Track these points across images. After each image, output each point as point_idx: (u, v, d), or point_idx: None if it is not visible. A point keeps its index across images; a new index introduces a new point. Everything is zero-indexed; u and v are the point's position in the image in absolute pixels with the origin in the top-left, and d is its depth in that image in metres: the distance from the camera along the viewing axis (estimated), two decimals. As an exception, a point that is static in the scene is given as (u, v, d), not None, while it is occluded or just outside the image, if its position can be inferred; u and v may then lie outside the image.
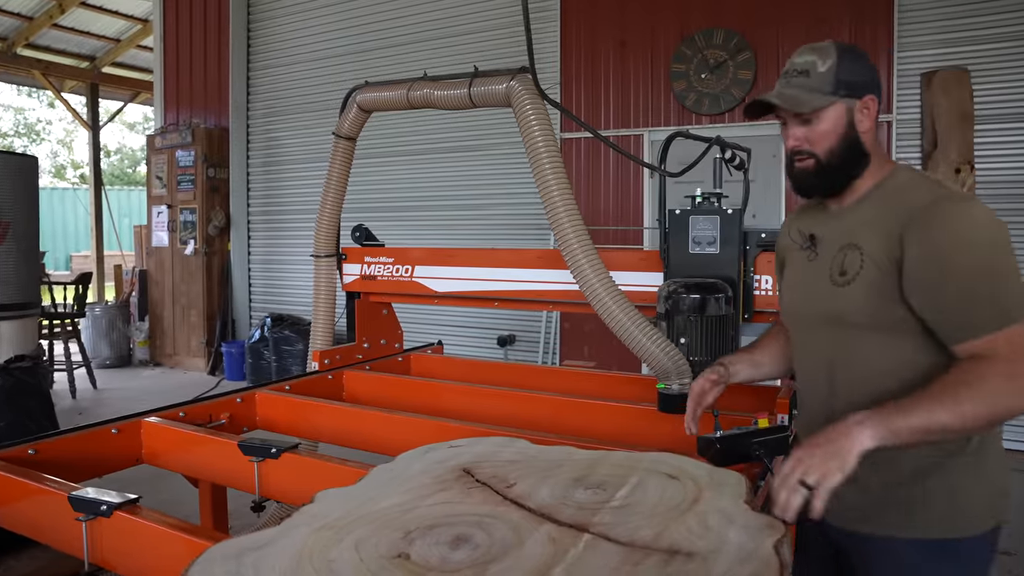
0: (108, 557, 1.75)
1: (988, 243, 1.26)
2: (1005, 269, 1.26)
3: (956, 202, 1.30)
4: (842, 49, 1.42)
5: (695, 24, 5.69)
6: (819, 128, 1.40)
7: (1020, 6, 4.86)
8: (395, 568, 1.18)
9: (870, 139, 1.42)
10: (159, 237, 7.99)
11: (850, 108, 1.40)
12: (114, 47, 11.14)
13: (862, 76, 1.40)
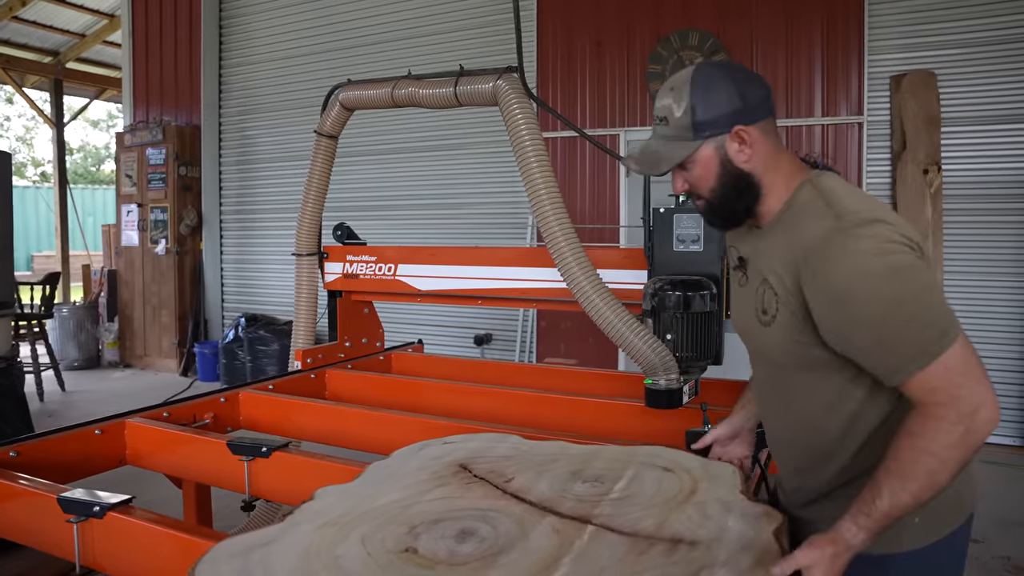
0: (100, 559, 1.73)
1: (886, 273, 1.16)
2: (913, 297, 1.16)
3: (845, 233, 1.19)
4: (697, 83, 1.32)
5: (670, 25, 5.75)
6: (695, 172, 1.36)
7: (985, 13, 5.00)
8: (404, 562, 1.19)
9: (758, 164, 1.33)
10: (129, 236, 7.85)
11: (720, 144, 1.32)
12: (79, 42, 10.90)
13: (722, 109, 1.30)
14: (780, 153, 1.36)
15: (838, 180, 1.33)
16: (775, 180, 1.34)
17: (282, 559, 1.22)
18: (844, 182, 1.33)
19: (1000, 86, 5.00)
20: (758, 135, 1.32)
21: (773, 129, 1.36)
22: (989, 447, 4.98)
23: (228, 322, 7.83)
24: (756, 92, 1.33)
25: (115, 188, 8.11)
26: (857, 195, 1.28)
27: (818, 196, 1.28)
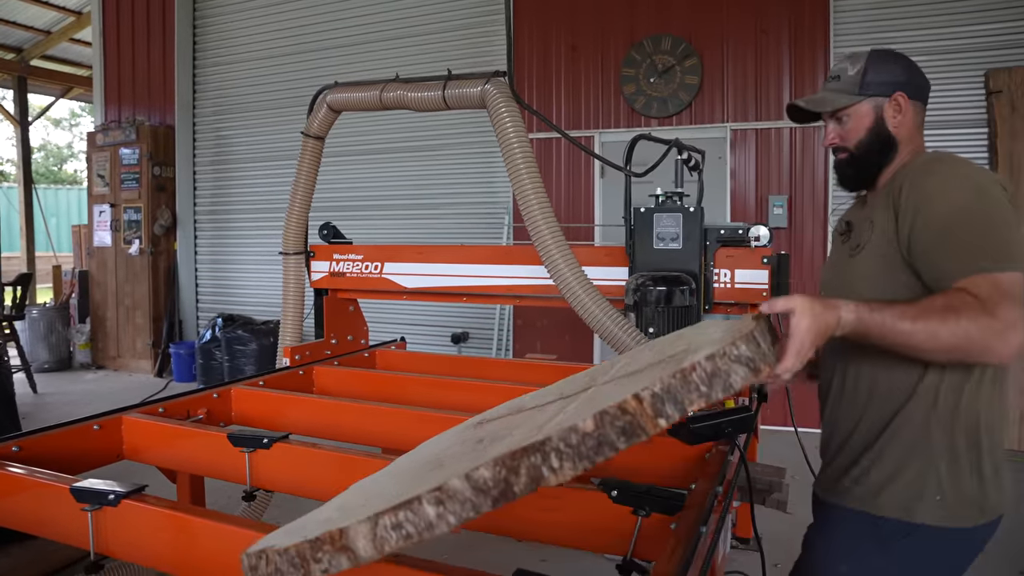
0: (114, 546, 1.78)
1: (973, 190, 1.31)
2: (992, 218, 1.29)
3: (945, 159, 1.40)
4: (874, 54, 1.55)
5: (644, 30, 5.90)
6: (849, 125, 1.54)
7: (942, 24, 5.22)
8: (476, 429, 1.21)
9: (904, 131, 1.52)
10: (101, 237, 7.78)
11: (878, 105, 1.52)
12: (44, 39, 10.74)
13: (891, 76, 1.51)
14: (919, 135, 1.55)
15: (959, 158, 1.46)
16: (905, 147, 1.53)
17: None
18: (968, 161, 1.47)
19: (957, 92, 5.23)
20: (911, 110, 1.52)
21: (922, 119, 1.56)
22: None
23: (203, 323, 7.80)
24: (922, 79, 1.55)
25: (87, 188, 8.03)
26: (973, 166, 1.42)
27: (934, 153, 1.47)
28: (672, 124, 5.86)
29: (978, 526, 1.39)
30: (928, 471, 1.40)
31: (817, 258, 5.60)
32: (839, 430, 1.56)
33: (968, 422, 1.40)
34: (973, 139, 5.20)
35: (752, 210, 5.69)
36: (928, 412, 1.40)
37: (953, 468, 1.39)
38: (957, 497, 1.38)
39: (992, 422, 1.41)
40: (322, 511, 1.38)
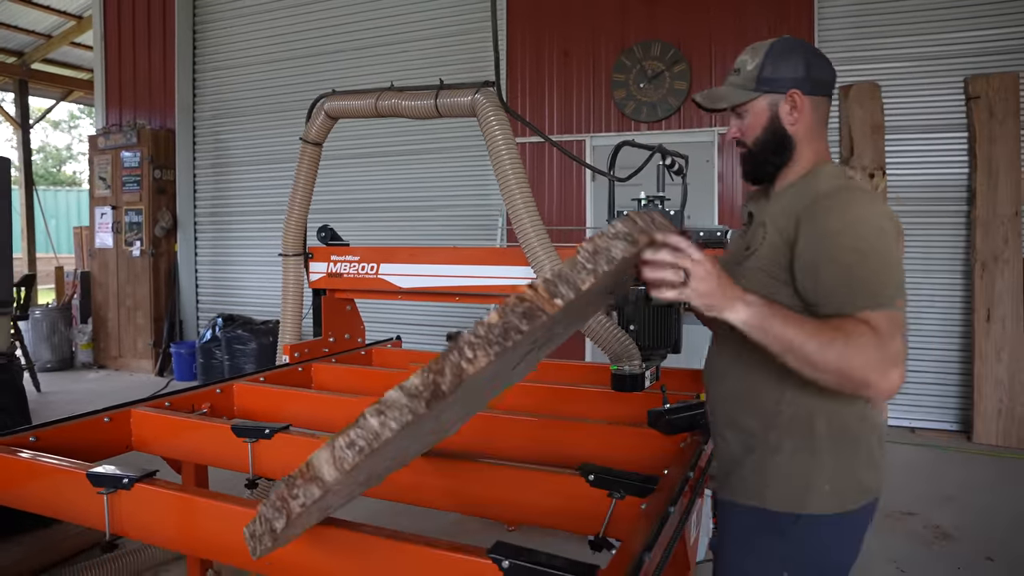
0: (128, 527, 1.91)
1: (875, 230, 1.32)
2: (887, 258, 1.31)
3: (855, 192, 1.38)
4: (775, 47, 1.48)
5: (634, 37, 6.04)
6: (747, 121, 1.50)
7: (925, 31, 5.37)
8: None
9: (801, 130, 1.47)
10: (103, 238, 7.91)
11: (774, 102, 1.46)
12: (45, 43, 10.86)
13: (789, 72, 1.45)
14: (820, 134, 1.51)
15: (857, 184, 1.48)
16: (805, 152, 1.49)
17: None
18: (863, 188, 1.49)
19: (938, 97, 5.38)
20: (809, 106, 1.47)
21: (824, 112, 1.51)
22: (929, 432, 5.37)
23: (203, 323, 7.93)
24: (823, 72, 1.49)
25: (88, 191, 8.15)
26: (862, 188, 1.45)
27: (840, 172, 1.48)
28: (661, 128, 6.00)
29: (861, 507, 1.46)
30: (812, 463, 1.43)
31: (803, 259, 5.74)
32: (725, 427, 1.59)
33: (845, 414, 1.44)
34: (953, 143, 5.35)
35: (739, 213, 5.83)
36: (806, 407, 1.43)
37: (836, 459, 1.43)
38: (841, 485, 1.43)
39: (867, 412, 1.47)
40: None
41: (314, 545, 1.57)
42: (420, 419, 1.13)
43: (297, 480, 1.21)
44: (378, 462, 1.35)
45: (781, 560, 1.45)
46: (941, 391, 5.46)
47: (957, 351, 5.41)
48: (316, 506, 1.29)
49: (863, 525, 1.49)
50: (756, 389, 1.49)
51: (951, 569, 3.25)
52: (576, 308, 1.22)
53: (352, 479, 1.28)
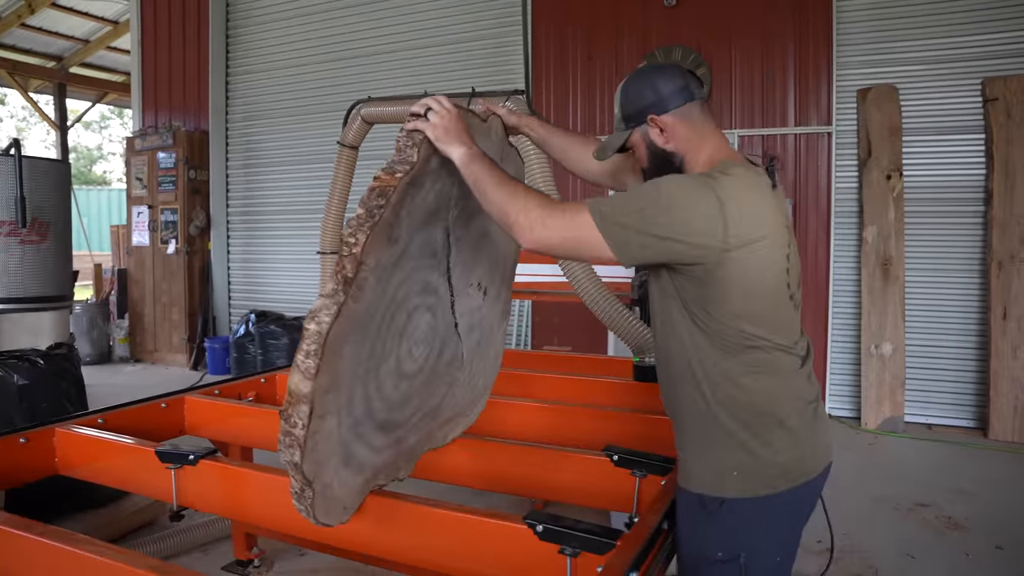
0: (193, 499, 2.10)
1: (669, 189, 1.42)
2: (650, 214, 1.40)
3: (699, 177, 1.48)
4: (624, 87, 1.63)
5: (656, 41, 6.18)
6: (637, 153, 1.65)
7: (942, 34, 5.46)
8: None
9: (679, 143, 1.57)
10: (139, 237, 8.19)
11: (644, 132, 1.59)
12: (83, 48, 11.22)
13: (641, 103, 1.58)
14: (704, 136, 1.58)
15: (745, 173, 1.50)
16: (697, 158, 1.57)
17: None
18: (752, 179, 1.50)
19: (955, 99, 5.47)
20: (673, 121, 1.56)
21: (697, 115, 1.58)
22: (945, 429, 5.47)
23: (235, 318, 8.18)
24: (669, 85, 1.58)
25: (126, 190, 8.43)
26: (736, 183, 1.46)
27: (722, 166, 1.50)
28: (682, 130, 6.12)
29: (783, 492, 1.52)
30: (722, 451, 1.53)
31: (820, 259, 5.86)
32: (667, 403, 1.71)
33: (750, 405, 1.51)
34: (970, 144, 5.43)
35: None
36: (709, 399, 1.53)
37: (743, 447, 1.52)
38: (753, 471, 1.51)
39: (777, 403, 1.53)
40: None
41: (360, 514, 1.75)
42: (347, 310, 1.38)
43: (287, 409, 1.42)
44: (373, 398, 1.58)
45: (713, 541, 1.56)
46: (958, 388, 5.55)
47: (974, 349, 5.50)
48: (330, 440, 1.47)
49: (791, 509, 1.57)
50: (675, 382, 1.61)
51: (959, 555, 3.37)
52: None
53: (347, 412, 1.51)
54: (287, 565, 3.27)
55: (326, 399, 1.42)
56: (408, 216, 1.48)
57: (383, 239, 1.41)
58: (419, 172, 1.46)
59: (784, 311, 1.54)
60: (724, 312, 1.47)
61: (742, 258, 1.43)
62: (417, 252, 1.56)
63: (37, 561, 1.64)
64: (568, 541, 1.50)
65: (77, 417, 2.52)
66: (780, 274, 1.51)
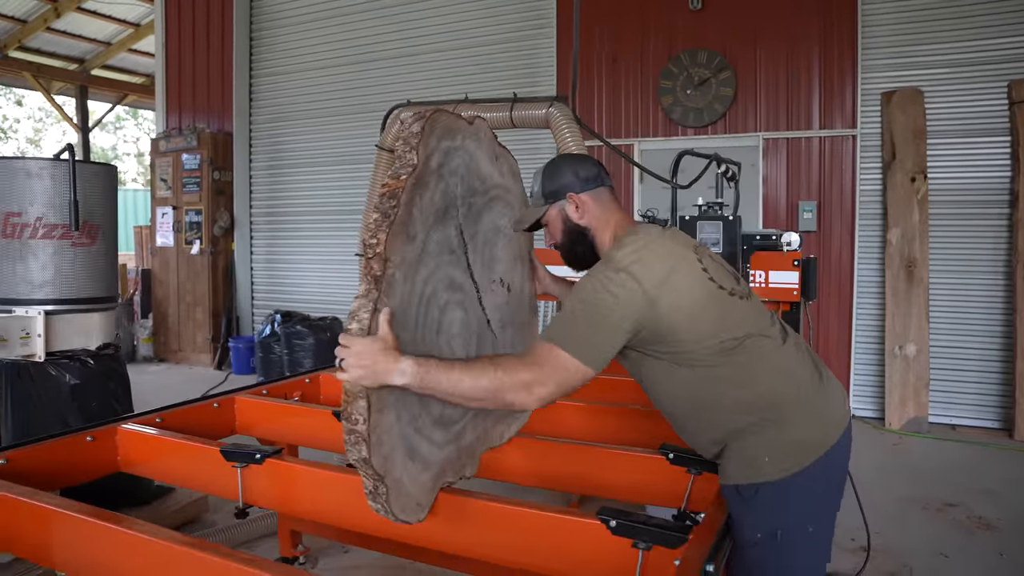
0: (257, 496, 2.16)
1: (590, 294, 1.60)
2: (582, 314, 1.59)
3: (603, 266, 1.65)
4: (547, 169, 1.86)
5: (681, 44, 6.22)
6: (551, 227, 1.86)
7: (966, 37, 5.49)
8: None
9: (591, 220, 1.79)
10: (164, 237, 8.28)
11: (561, 208, 1.81)
12: (105, 50, 11.34)
13: (560, 182, 1.81)
14: (610, 214, 1.81)
15: (637, 236, 1.69)
16: (604, 235, 1.79)
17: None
18: (639, 238, 1.68)
19: (979, 102, 5.49)
20: (588, 199, 1.80)
21: (606, 197, 1.82)
22: (970, 430, 5.49)
23: (258, 319, 8.27)
24: (587, 170, 1.83)
25: (150, 191, 8.53)
26: (626, 249, 1.65)
27: (614, 249, 1.69)
28: (707, 134, 6.18)
29: (808, 465, 1.65)
30: (749, 443, 1.67)
31: (844, 259, 5.89)
32: (691, 441, 1.85)
33: (759, 397, 1.66)
34: (997, 147, 5.46)
35: (783, 214, 6.00)
36: (724, 412, 1.68)
37: (767, 433, 1.65)
38: (782, 452, 1.65)
39: (780, 383, 1.67)
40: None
41: (432, 512, 1.81)
42: (383, 305, 1.46)
43: (346, 408, 1.48)
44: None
45: (751, 525, 1.68)
46: (982, 389, 5.58)
47: (998, 350, 5.52)
48: (392, 433, 1.53)
49: (820, 479, 1.69)
50: (688, 422, 1.78)
51: (993, 555, 3.41)
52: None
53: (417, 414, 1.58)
54: (331, 562, 3.33)
55: (380, 393, 1.49)
56: (420, 214, 1.57)
57: (402, 236, 1.50)
58: (422, 172, 1.55)
59: (731, 308, 1.68)
60: (684, 338, 1.62)
61: (666, 293, 1.60)
62: (436, 249, 1.65)
63: (134, 553, 1.70)
64: (641, 535, 1.56)
65: (136, 416, 2.58)
66: (705, 284, 1.66)
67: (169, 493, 3.81)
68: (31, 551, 1.93)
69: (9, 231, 3.20)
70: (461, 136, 1.72)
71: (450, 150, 1.67)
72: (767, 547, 1.66)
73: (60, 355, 3.30)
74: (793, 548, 1.67)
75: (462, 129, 1.73)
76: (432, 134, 1.58)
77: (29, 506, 1.83)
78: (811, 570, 1.73)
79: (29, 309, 3.18)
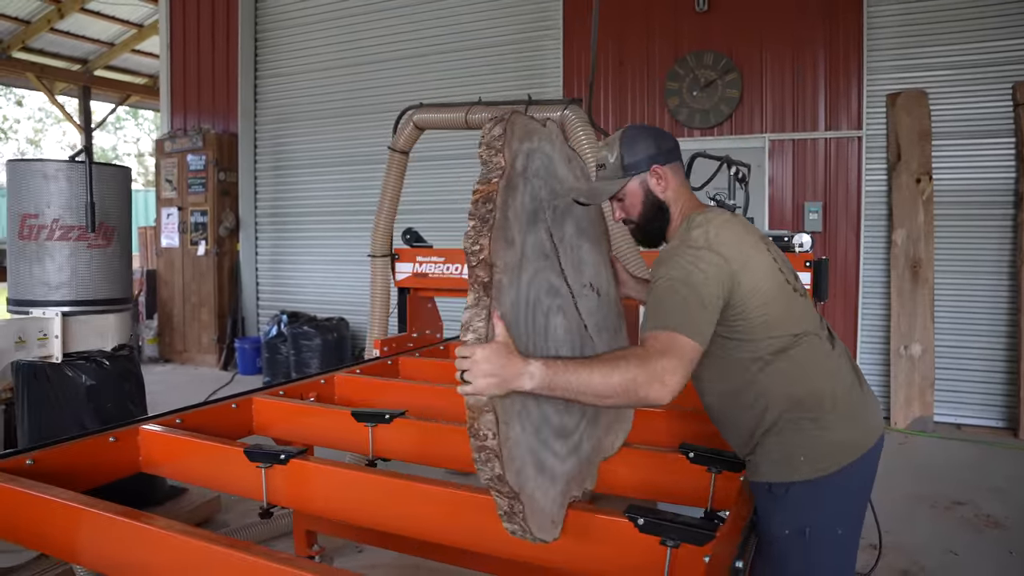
0: (281, 497, 2.17)
1: (683, 273, 1.57)
2: (684, 294, 1.54)
3: (684, 245, 1.63)
4: (624, 137, 1.77)
5: (687, 46, 6.25)
6: (628, 202, 1.79)
7: (970, 39, 5.51)
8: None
9: (671, 193, 1.76)
10: (169, 238, 8.30)
11: (643, 180, 1.75)
12: (107, 51, 11.35)
13: (644, 153, 1.74)
14: (685, 190, 1.80)
15: (709, 216, 1.70)
16: (676, 211, 1.78)
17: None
18: (713, 218, 1.69)
19: (984, 104, 5.52)
20: (670, 172, 1.76)
21: (681, 172, 1.80)
22: (975, 429, 5.52)
23: (263, 319, 8.29)
24: (668, 143, 1.79)
25: (155, 192, 8.54)
26: (704, 228, 1.65)
27: (688, 225, 1.69)
28: (713, 135, 6.21)
29: (843, 467, 1.66)
30: (787, 439, 1.67)
31: (850, 260, 5.92)
32: (725, 431, 1.86)
33: (808, 395, 1.66)
34: (1001, 148, 5.49)
35: (789, 215, 6.03)
36: (769, 406, 1.68)
37: (806, 433, 1.66)
38: (817, 453, 1.65)
39: (827, 385, 1.68)
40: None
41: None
42: (493, 309, 1.43)
43: (472, 425, 1.41)
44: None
45: (780, 522, 1.69)
46: (987, 389, 5.61)
47: (1003, 350, 5.55)
48: (520, 447, 1.49)
49: (851, 482, 1.70)
50: (729, 411, 1.78)
51: (1003, 553, 3.44)
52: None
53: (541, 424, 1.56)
54: (346, 562, 3.36)
55: (504, 404, 1.43)
56: (515, 218, 1.54)
57: (502, 241, 1.47)
58: (510, 175, 1.52)
59: (795, 303, 1.69)
60: (754, 324, 1.63)
61: (747, 273, 1.60)
62: (532, 254, 1.61)
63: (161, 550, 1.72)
64: (669, 533, 1.57)
65: (156, 417, 2.60)
66: (776, 274, 1.67)
67: (182, 494, 3.84)
68: (62, 550, 1.95)
69: (26, 233, 3.22)
70: (537, 138, 1.68)
71: (531, 152, 1.64)
72: (794, 543, 1.68)
73: (76, 356, 3.32)
74: (821, 548, 1.68)
75: (537, 131, 1.70)
76: (514, 136, 1.55)
77: (63, 506, 1.85)
78: (838, 571, 1.74)
79: (46, 311, 3.20)
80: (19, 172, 3.28)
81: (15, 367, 3.23)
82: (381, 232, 3.88)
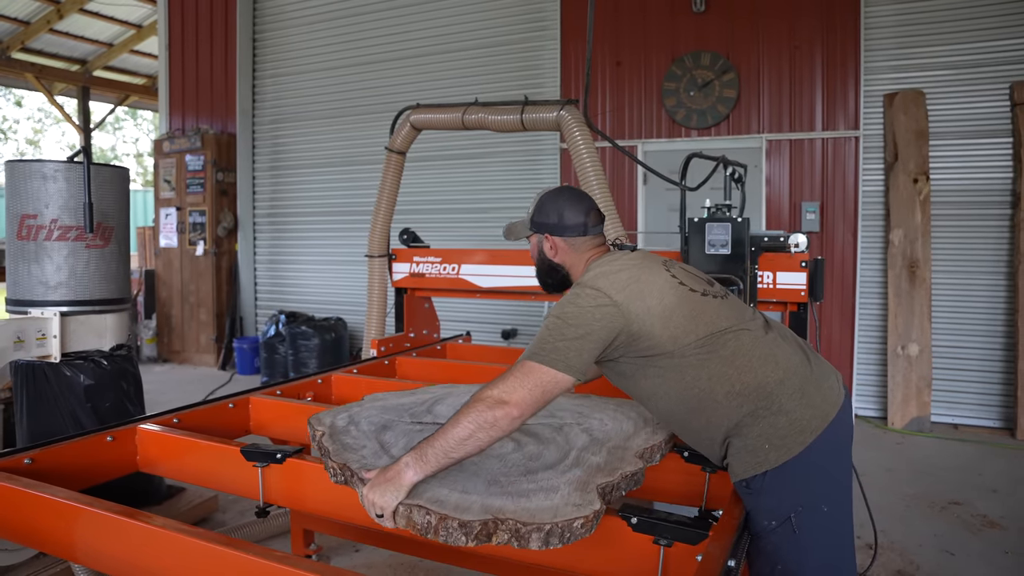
0: (277, 496, 2.18)
1: (559, 310, 1.71)
2: (551, 325, 1.67)
3: (573, 288, 1.80)
4: (541, 199, 2.00)
5: (684, 47, 6.26)
6: (531, 250, 2.05)
7: (968, 39, 5.53)
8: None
9: (563, 258, 1.97)
10: (168, 238, 8.30)
11: (540, 240, 2.00)
12: (106, 51, 11.35)
13: (545, 219, 1.96)
14: (584, 254, 1.95)
15: (602, 260, 1.85)
16: (576, 268, 1.96)
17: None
18: (608, 262, 1.83)
19: (981, 104, 5.54)
20: (563, 244, 1.96)
21: (585, 246, 1.95)
22: (972, 429, 5.53)
23: (261, 319, 8.30)
24: (574, 218, 1.94)
25: (153, 192, 8.55)
26: (593, 272, 1.79)
27: (593, 268, 1.83)
28: (711, 135, 6.22)
29: (811, 444, 1.69)
30: (749, 434, 1.71)
31: (847, 260, 5.93)
32: (701, 448, 1.90)
33: (754, 387, 1.70)
34: (998, 148, 5.50)
35: (786, 216, 6.04)
36: (720, 409, 1.72)
37: (764, 420, 1.70)
38: (781, 436, 1.69)
39: (769, 369, 1.71)
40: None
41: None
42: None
43: (439, 536, 1.51)
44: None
45: (763, 513, 1.72)
46: (984, 389, 5.63)
47: (1000, 350, 5.57)
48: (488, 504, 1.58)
49: (824, 455, 1.73)
50: (687, 424, 1.83)
51: (998, 553, 3.45)
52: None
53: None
54: (343, 560, 3.36)
55: (418, 493, 1.61)
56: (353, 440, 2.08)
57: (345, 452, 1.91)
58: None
59: (704, 306, 1.76)
60: (661, 340, 1.70)
61: (633, 299, 1.70)
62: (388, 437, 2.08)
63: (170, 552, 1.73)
64: (662, 532, 1.59)
65: (154, 417, 2.61)
66: (675, 288, 1.76)
67: (180, 493, 3.84)
68: (60, 548, 1.96)
69: (25, 233, 3.22)
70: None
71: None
72: (784, 532, 1.70)
73: (75, 356, 3.33)
74: (811, 530, 1.70)
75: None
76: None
77: (62, 505, 1.85)
78: (832, 549, 1.77)
79: (45, 311, 3.20)
80: (18, 172, 3.29)
81: (14, 367, 3.24)
82: (378, 232, 3.89)
